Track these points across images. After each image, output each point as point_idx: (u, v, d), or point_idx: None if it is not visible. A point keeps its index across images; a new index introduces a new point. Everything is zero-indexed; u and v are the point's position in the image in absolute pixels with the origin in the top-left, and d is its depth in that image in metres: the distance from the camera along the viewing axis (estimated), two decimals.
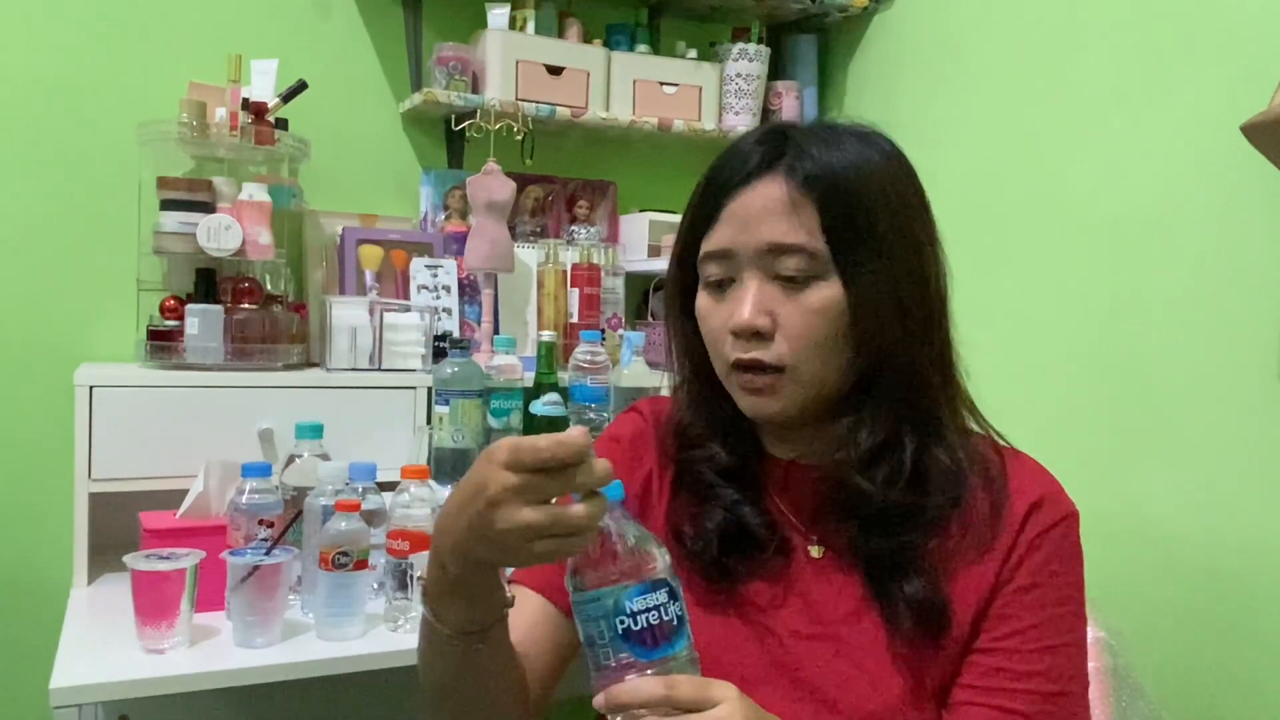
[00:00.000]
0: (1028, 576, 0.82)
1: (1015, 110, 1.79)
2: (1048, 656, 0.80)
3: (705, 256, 0.84)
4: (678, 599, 0.69)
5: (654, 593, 0.68)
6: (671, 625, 0.68)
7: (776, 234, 0.80)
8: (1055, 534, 0.83)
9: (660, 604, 0.68)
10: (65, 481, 1.58)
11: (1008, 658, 0.80)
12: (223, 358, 1.66)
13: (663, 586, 0.68)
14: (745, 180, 0.82)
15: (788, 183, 0.80)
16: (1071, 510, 0.86)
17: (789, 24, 2.29)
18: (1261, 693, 1.37)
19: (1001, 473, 0.85)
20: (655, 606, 0.67)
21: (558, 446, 0.64)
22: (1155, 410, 1.53)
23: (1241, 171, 1.37)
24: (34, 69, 1.77)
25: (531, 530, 0.65)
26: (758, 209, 0.81)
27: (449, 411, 1.68)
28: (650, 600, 0.67)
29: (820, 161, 0.80)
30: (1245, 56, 1.40)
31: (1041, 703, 0.79)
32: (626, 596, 0.67)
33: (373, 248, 1.91)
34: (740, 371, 0.83)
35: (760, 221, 0.80)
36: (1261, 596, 1.37)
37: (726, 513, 0.86)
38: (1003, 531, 0.83)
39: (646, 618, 0.67)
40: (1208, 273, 1.46)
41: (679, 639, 0.69)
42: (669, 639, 0.68)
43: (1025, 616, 0.81)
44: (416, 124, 2.07)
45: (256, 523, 1.39)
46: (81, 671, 1.23)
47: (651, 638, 0.67)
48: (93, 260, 1.81)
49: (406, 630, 1.40)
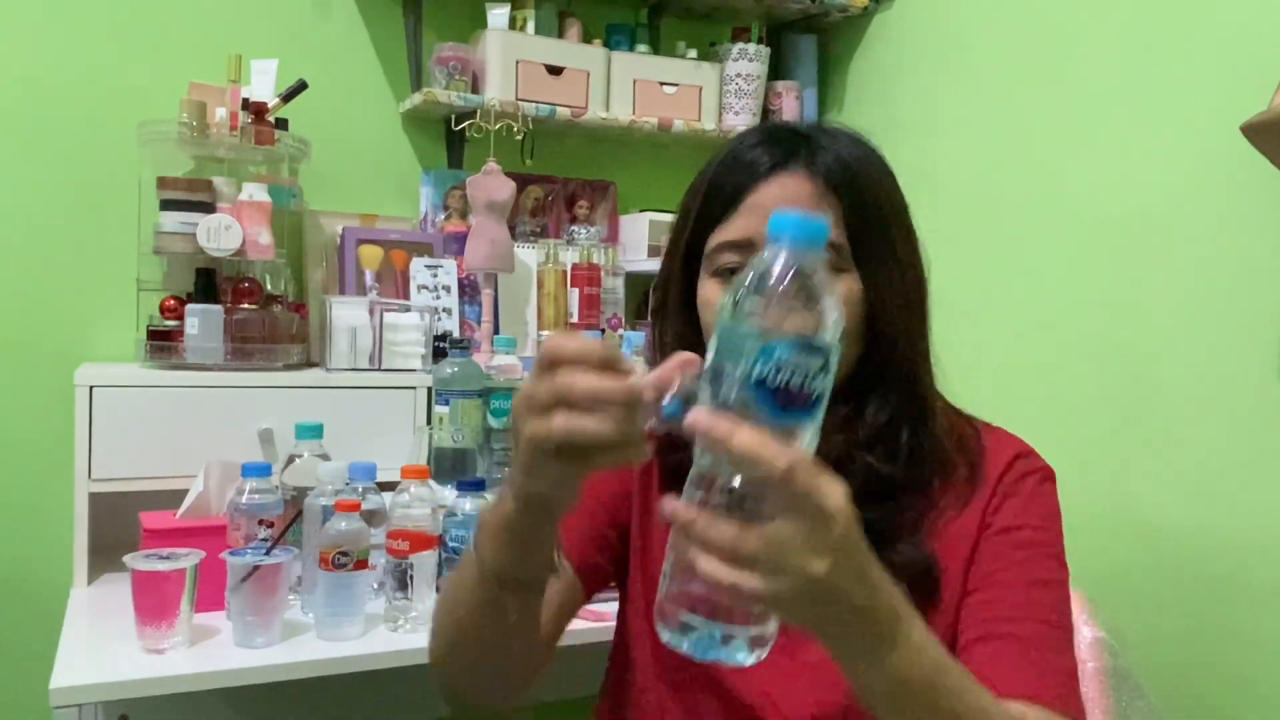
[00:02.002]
0: (1008, 518, 0.85)
1: (1015, 110, 1.79)
2: (1037, 590, 0.82)
3: (721, 246, 0.84)
4: (828, 376, 0.60)
5: (810, 355, 0.59)
6: (811, 398, 0.59)
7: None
8: (1031, 483, 0.87)
9: (811, 370, 0.59)
10: (65, 481, 1.58)
11: (1000, 591, 0.82)
12: (223, 358, 1.66)
13: (821, 355, 0.59)
14: (768, 173, 0.83)
15: (811, 177, 0.83)
16: (1047, 467, 0.90)
17: (789, 24, 2.29)
18: (1261, 692, 1.37)
19: (979, 440, 0.90)
20: (805, 369, 0.58)
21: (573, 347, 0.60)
22: (1155, 410, 1.52)
23: (1241, 171, 1.37)
24: (34, 69, 1.77)
25: (535, 400, 0.59)
26: (783, 201, 0.82)
27: (449, 411, 1.68)
28: (803, 361, 0.58)
29: (840, 158, 0.83)
30: (1245, 56, 1.40)
31: (1040, 629, 0.80)
32: (785, 344, 0.58)
33: (373, 248, 1.91)
34: None
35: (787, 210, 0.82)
36: (1261, 596, 1.37)
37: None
38: (981, 484, 0.86)
39: (789, 376, 0.58)
40: (1208, 272, 1.46)
41: (811, 418, 0.60)
42: (804, 409, 0.59)
43: (1011, 554, 0.83)
44: (416, 124, 2.07)
45: (256, 523, 1.39)
46: (81, 671, 1.23)
47: (786, 398, 0.58)
48: (93, 260, 1.81)
49: (406, 630, 1.40)
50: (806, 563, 0.54)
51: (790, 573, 0.54)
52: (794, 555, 0.54)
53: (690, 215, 0.87)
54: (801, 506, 0.54)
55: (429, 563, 1.41)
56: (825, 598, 0.56)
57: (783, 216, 0.60)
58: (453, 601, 0.82)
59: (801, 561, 0.54)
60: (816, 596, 0.56)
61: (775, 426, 0.57)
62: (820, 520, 0.54)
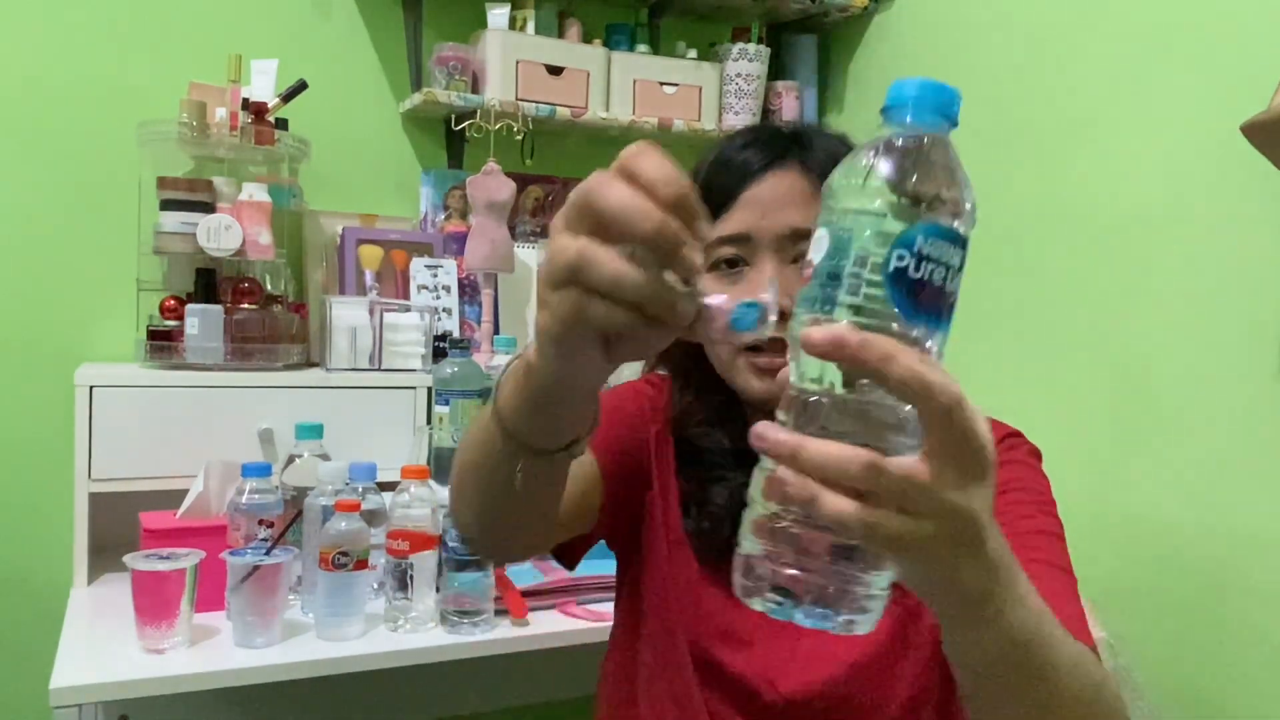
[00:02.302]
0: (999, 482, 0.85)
1: (1015, 110, 1.79)
2: (1039, 538, 0.81)
3: (717, 240, 0.86)
4: (959, 279, 0.51)
5: (956, 248, 0.50)
6: (949, 300, 0.50)
7: (798, 220, 0.83)
8: (1020, 453, 0.88)
9: (953, 266, 0.50)
10: (65, 481, 1.58)
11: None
12: (223, 358, 1.66)
13: (962, 249, 0.51)
14: (762, 169, 0.85)
15: (804, 173, 0.85)
16: (1035, 446, 0.91)
17: (789, 24, 2.29)
18: (1261, 692, 1.37)
19: None
20: (947, 265, 0.49)
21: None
22: (1155, 410, 1.52)
23: (1241, 171, 1.37)
24: (34, 69, 1.77)
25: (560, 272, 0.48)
26: (778, 196, 0.84)
27: (449, 411, 1.68)
28: (947, 254, 0.49)
29: (831, 155, 0.84)
30: (1245, 56, 1.40)
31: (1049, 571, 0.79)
32: (925, 231, 0.49)
33: (373, 248, 1.91)
34: (751, 353, 0.85)
35: (781, 208, 0.84)
36: (1261, 596, 1.37)
37: (733, 494, 0.87)
38: None
39: (932, 270, 0.49)
40: (1208, 272, 1.46)
41: (947, 326, 0.50)
42: (944, 314, 0.50)
43: (1008, 510, 0.83)
44: (416, 124, 2.07)
45: (256, 523, 1.39)
46: (81, 671, 1.23)
47: (928, 297, 0.49)
48: (93, 260, 1.81)
49: (406, 630, 1.40)
50: (958, 503, 0.47)
51: (938, 515, 0.47)
52: (944, 495, 0.47)
53: None
54: (957, 446, 0.47)
55: (429, 563, 1.42)
56: (969, 544, 0.49)
57: (911, 83, 0.52)
58: (470, 453, 0.73)
59: (953, 502, 0.47)
60: (960, 540, 0.48)
61: (908, 333, 0.48)
62: (975, 461, 0.48)
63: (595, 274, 0.46)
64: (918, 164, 0.50)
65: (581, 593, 1.55)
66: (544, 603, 1.53)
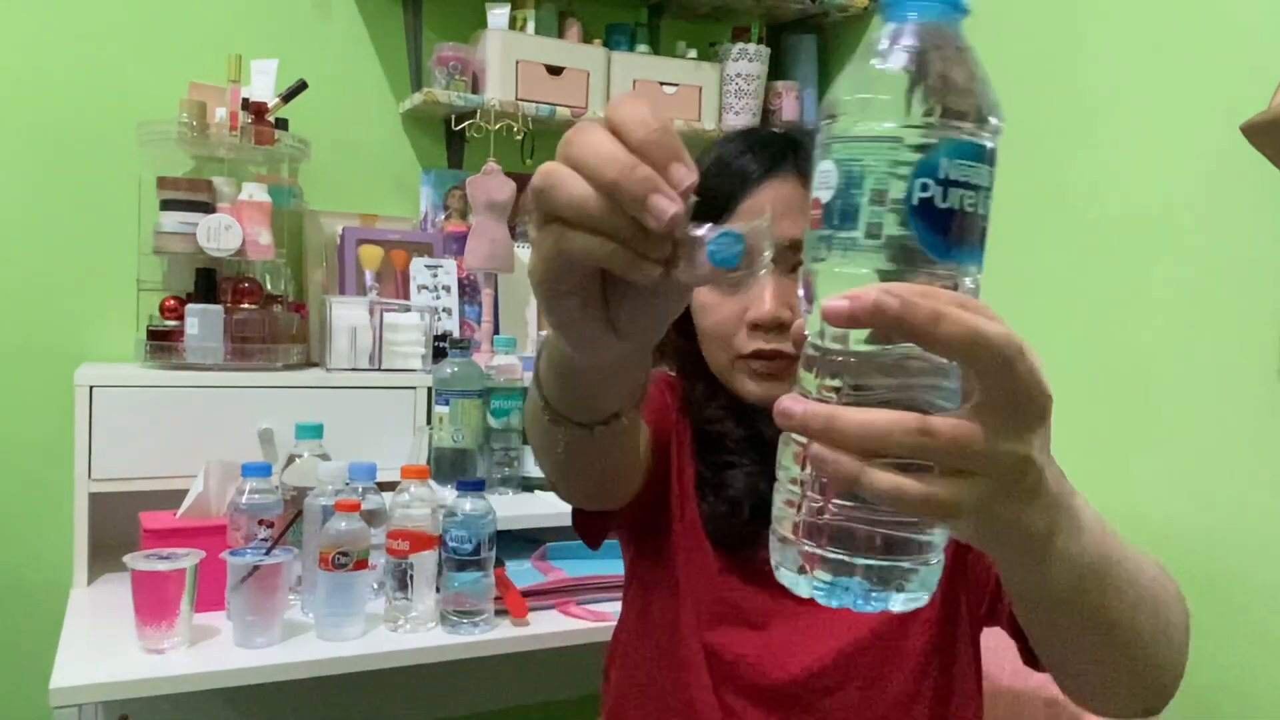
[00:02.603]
0: None
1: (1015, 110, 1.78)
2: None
3: None
4: (990, 200, 0.44)
5: (983, 164, 0.43)
6: (981, 226, 0.43)
7: (798, 230, 0.83)
8: None
9: (983, 187, 0.43)
10: (65, 481, 1.58)
11: None
12: (223, 358, 1.66)
13: (990, 164, 0.43)
14: (759, 178, 0.85)
15: (802, 181, 0.85)
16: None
17: (789, 24, 2.29)
18: (1262, 691, 1.37)
19: None
20: (976, 187, 0.42)
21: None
22: (1154, 410, 1.52)
23: (1241, 171, 1.37)
24: (34, 69, 1.77)
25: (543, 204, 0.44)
26: (777, 206, 0.84)
27: (449, 411, 1.68)
28: (976, 173, 0.42)
29: None
30: (1245, 56, 1.40)
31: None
32: (948, 151, 0.41)
33: (373, 248, 1.91)
34: (751, 359, 0.85)
35: (779, 218, 0.83)
36: (1261, 596, 1.37)
37: (748, 479, 0.88)
38: None
39: (961, 196, 0.42)
40: (1208, 272, 1.46)
41: (978, 254, 0.44)
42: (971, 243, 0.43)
43: None
44: (416, 124, 2.07)
45: (256, 523, 1.39)
46: (81, 671, 1.23)
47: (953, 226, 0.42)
48: (93, 260, 1.81)
49: (406, 630, 1.40)
50: (1016, 451, 0.43)
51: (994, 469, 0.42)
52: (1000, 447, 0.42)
53: None
54: (1017, 395, 0.42)
55: (429, 563, 1.42)
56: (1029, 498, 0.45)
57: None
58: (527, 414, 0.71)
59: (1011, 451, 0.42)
60: (1020, 490, 0.44)
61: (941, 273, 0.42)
62: (1035, 406, 0.43)
63: (561, 197, 0.43)
64: (929, 66, 0.42)
65: (581, 593, 1.55)
66: (544, 603, 1.53)
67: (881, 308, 0.39)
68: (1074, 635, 0.57)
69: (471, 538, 1.38)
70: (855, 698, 0.86)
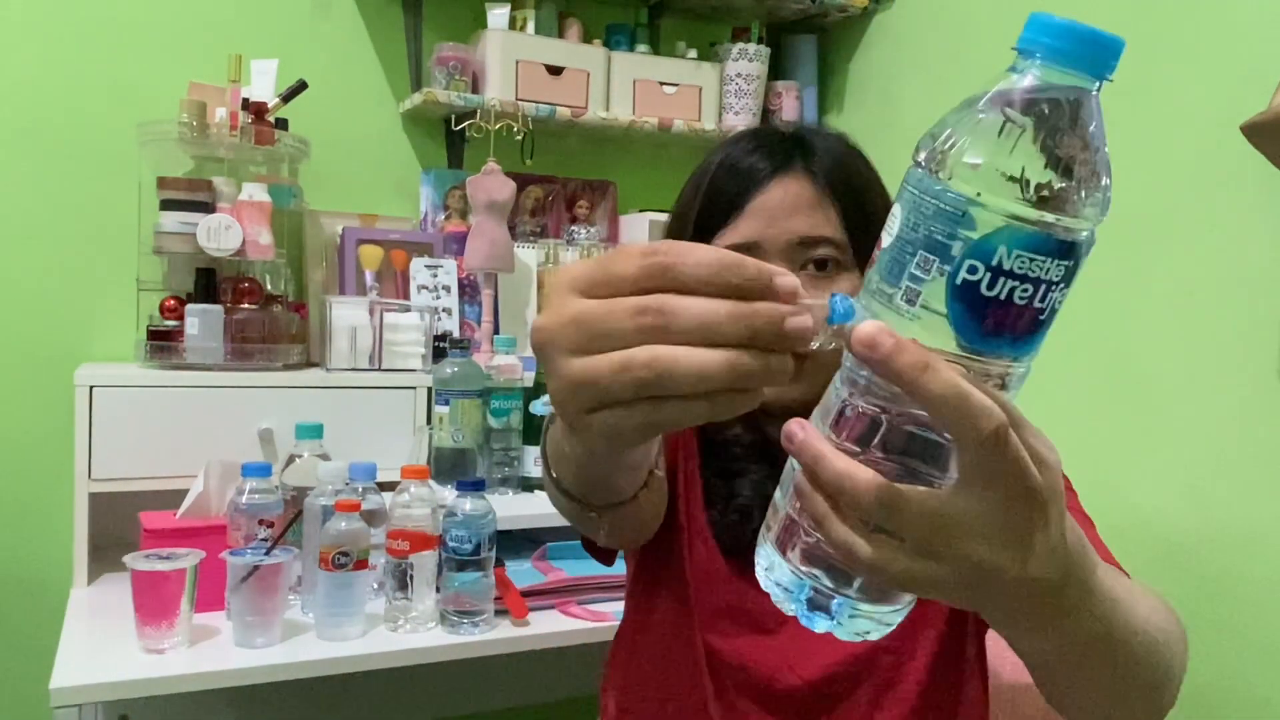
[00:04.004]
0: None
1: None
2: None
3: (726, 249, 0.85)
4: (1068, 289, 0.40)
5: (1058, 259, 0.38)
6: (1035, 319, 0.39)
7: (807, 227, 0.83)
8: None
9: (1050, 281, 0.38)
10: (65, 481, 1.58)
11: None
12: (223, 358, 1.66)
13: (1068, 258, 0.38)
14: (768, 177, 0.85)
15: (810, 179, 0.85)
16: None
17: (789, 24, 2.29)
18: (1261, 691, 1.37)
19: None
20: (1038, 281, 0.38)
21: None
22: (1154, 409, 1.52)
23: (1241, 171, 1.37)
24: (34, 69, 1.77)
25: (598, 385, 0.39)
26: (786, 204, 0.84)
27: (449, 411, 1.68)
28: (1039, 268, 0.37)
29: (835, 159, 0.86)
30: (1245, 56, 1.40)
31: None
32: (1011, 239, 0.37)
33: (373, 248, 1.91)
34: None
35: (789, 216, 0.84)
36: (1260, 596, 1.37)
37: (757, 487, 0.88)
38: None
39: (1013, 288, 0.37)
40: (1207, 272, 1.46)
41: (1029, 349, 0.41)
42: (1024, 336, 0.40)
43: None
44: (416, 124, 2.07)
45: (256, 523, 1.39)
46: (81, 671, 1.23)
47: (994, 315, 0.38)
48: (93, 260, 1.81)
49: (406, 630, 1.40)
50: (985, 552, 0.40)
51: (958, 561, 0.40)
52: (968, 540, 0.40)
53: (688, 223, 0.88)
54: (1001, 481, 0.40)
55: (429, 563, 1.42)
56: (1001, 589, 0.42)
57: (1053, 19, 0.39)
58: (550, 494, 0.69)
59: (979, 550, 0.40)
60: (988, 589, 0.42)
61: (974, 357, 0.39)
62: (1022, 502, 0.40)
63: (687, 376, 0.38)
64: (1035, 133, 0.37)
65: (581, 593, 1.55)
66: (544, 603, 1.53)
67: (875, 342, 0.38)
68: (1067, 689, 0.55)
69: (471, 538, 1.38)
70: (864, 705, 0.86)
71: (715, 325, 0.38)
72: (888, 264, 0.40)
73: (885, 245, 0.41)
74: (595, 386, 0.38)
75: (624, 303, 0.38)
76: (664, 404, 0.38)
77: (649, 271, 0.39)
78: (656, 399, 0.38)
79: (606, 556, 0.94)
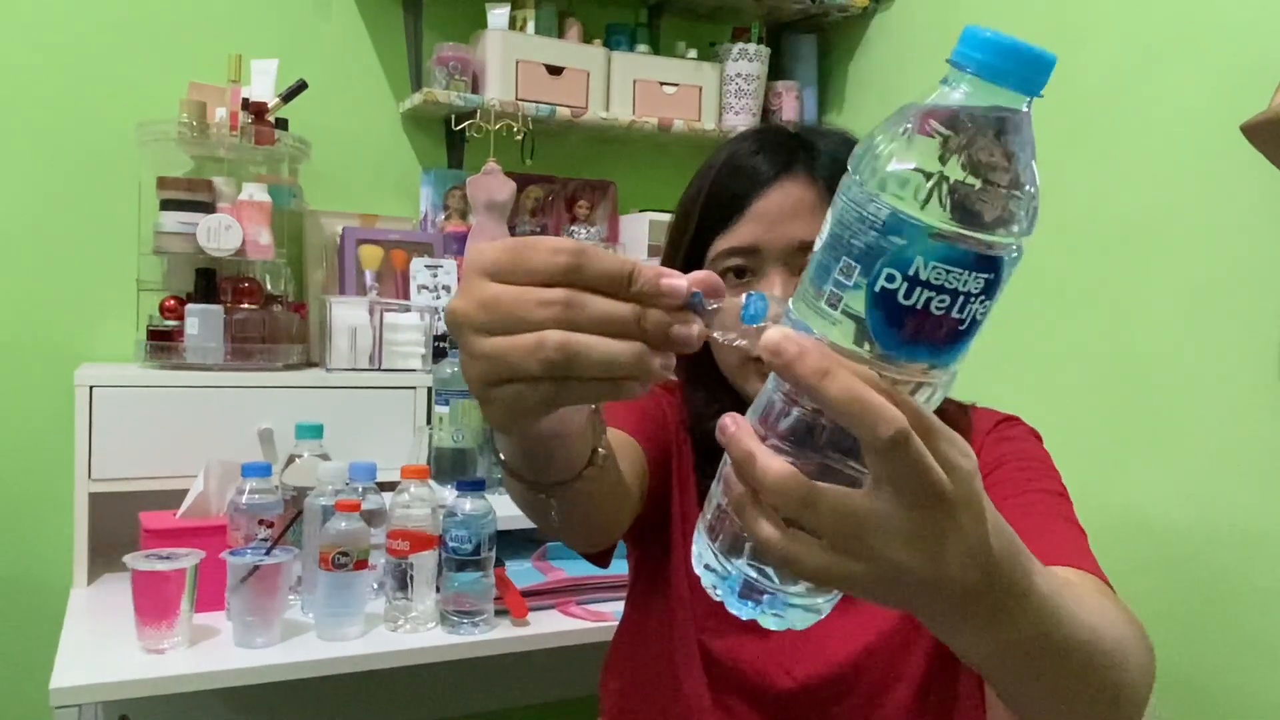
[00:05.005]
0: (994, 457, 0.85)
1: None
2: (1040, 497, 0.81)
3: (726, 252, 0.85)
4: (991, 301, 0.40)
5: (977, 271, 0.38)
6: (955, 328, 0.40)
7: (805, 233, 0.83)
8: (1016, 433, 0.90)
9: (968, 292, 0.38)
10: (65, 481, 1.58)
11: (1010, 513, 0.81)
12: (223, 358, 1.66)
13: (990, 271, 0.39)
14: (770, 180, 0.85)
15: (812, 183, 0.84)
16: (1031, 428, 0.92)
17: (789, 24, 2.29)
18: (1261, 692, 1.37)
19: (965, 418, 0.91)
20: (956, 292, 0.38)
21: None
22: (1155, 410, 1.52)
23: (1241, 171, 1.37)
24: (34, 69, 1.77)
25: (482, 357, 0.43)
26: (786, 208, 0.84)
27: (449, 411, 1.68)
28: (957, 280, 0.38)
29: (837, 161, 0.84)
30: (1245, 56, 1.40)
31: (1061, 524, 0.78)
32: (929, 250, 0.37)
33: (373, 248, 1.91)
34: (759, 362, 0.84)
35: (789, 220, 0.84)
36: (1261, 596, 1.37)
37: None
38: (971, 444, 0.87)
39: (930, 298, 0.38)
40: (1208, 273, 1.45)
41: (948, 358, 0.41)
42: (942, 345, 0.40)
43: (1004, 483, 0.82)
44: (416, 124, 2.07)
45: (256, 523, 1.39)
46: (81, 671, 1.23)
47: (912, 324, 0.39)
48: (93, 260, 1.81)
49: (406, 630, 1.40)
50: (896, 553, 0.41)
51: (871, 560, 0.42)
52: (880, 540, 0.41)
53: (691, 222, 0.88)
54: (906, 485, 0.40)
55: (429, 563, 1.42)
56: (918, 590, 0.43)
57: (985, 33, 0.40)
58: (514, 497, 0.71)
59: (890, 550, 0.41)
60: (905, 589, 0.43)
61: (891, 363, 0.40)
62: (929, 507, 0.41)
63: (595, 360, 0.42)
64: (959, 147, 0.38)
65: (581, 593, 1.55)
66: (544, 603, 1.53)
67: (778, 348, 0.40)
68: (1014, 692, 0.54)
69: (471, 537, 1.38)
70: (859, 708, 0.86)
71: (613, 324, 0.42)
72: (815, 268, 0.42)
73: (815, 249, 0.43)
74: (504, 361, 0.42)
75: (534, 292, 0.42)
76: (566, 384, 0.43)
77: (560, 268, 0.42)
78: (559, 379, 0.42)
79: (601, 559, 0.94)
